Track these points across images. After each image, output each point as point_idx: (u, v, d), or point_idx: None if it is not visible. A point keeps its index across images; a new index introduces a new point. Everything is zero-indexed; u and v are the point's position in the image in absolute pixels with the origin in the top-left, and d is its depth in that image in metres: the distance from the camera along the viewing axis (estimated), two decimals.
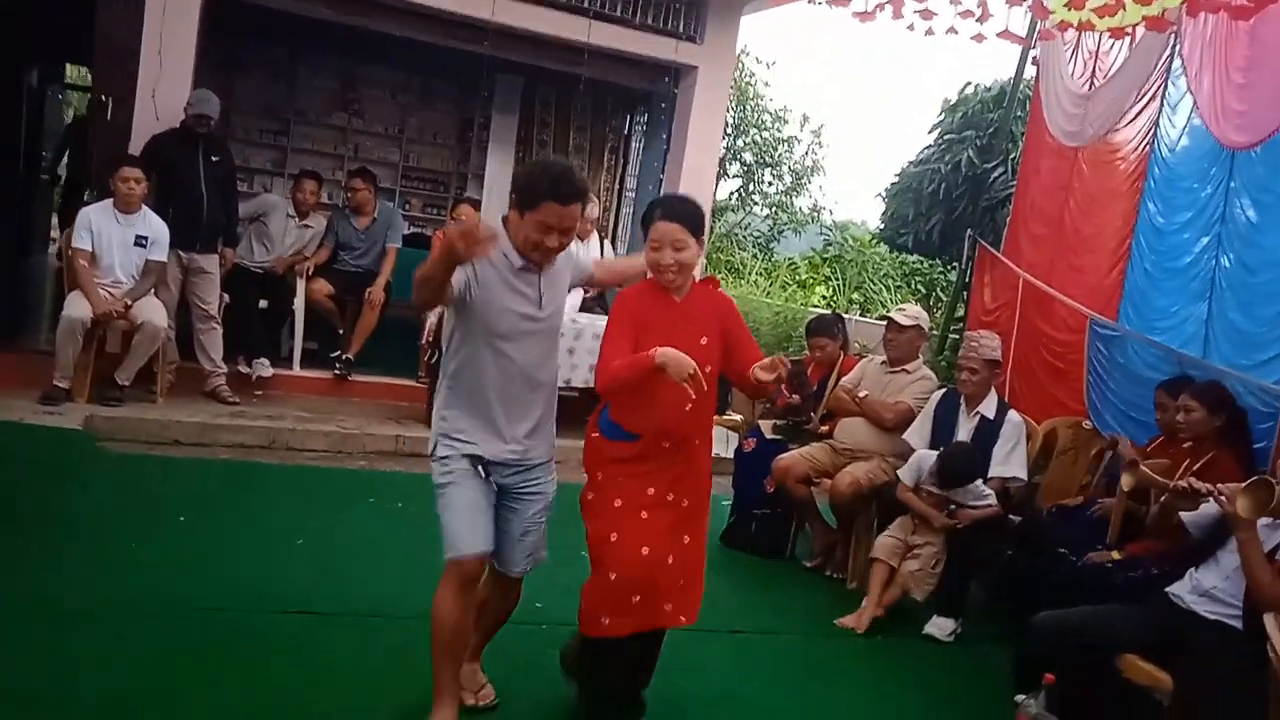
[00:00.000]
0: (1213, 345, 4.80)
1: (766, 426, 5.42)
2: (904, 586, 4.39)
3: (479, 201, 8.28)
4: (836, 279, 16.68)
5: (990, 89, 12.09)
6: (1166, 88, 5.47)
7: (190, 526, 4.36)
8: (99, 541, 4.06)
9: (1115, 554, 3.90)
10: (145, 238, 5.80)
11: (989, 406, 4.66)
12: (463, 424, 2.87)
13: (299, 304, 6.89)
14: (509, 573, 3.03)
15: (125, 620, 3.39)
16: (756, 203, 18.94)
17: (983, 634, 4.36)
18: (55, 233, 11.18)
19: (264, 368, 6.72)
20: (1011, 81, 8.34)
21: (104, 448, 5.33)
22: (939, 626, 4.32)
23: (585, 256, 3.61)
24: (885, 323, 5.22)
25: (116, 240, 5.76)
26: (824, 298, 16.38)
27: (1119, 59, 5.93)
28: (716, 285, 3.19)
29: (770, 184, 18.85)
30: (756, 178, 18.69)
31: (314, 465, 5.72)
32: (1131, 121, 5.76)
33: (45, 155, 11.32)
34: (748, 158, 18.43)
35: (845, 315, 9.16)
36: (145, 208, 5.83)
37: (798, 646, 4.13)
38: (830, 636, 4.25)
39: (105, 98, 6.45)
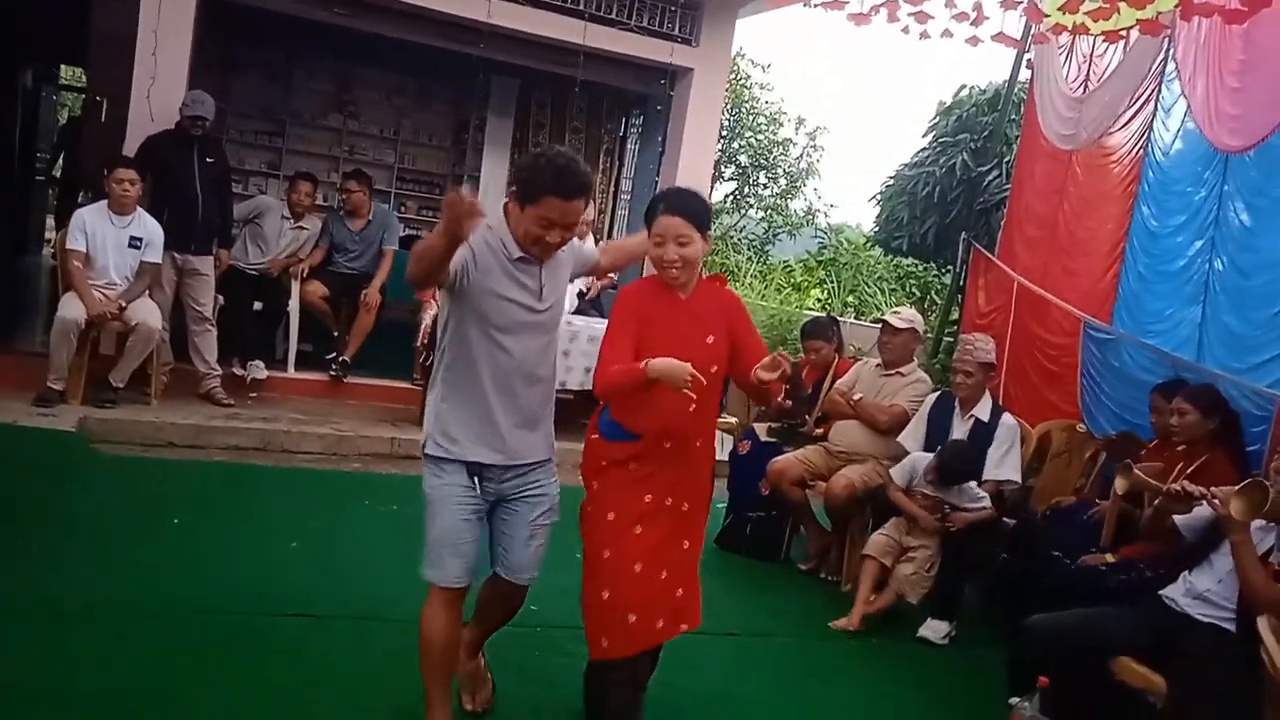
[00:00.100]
0: (1206, 348, 4.79)
1: (761, 429, 5.44)
2: (898, 590, 4.40)
3: None
4: (831, 282, 16.66)
5: (985, 92, 12.07)
6: (1160, 91, 5.48)
7: (187, 528, 4.36)
8: (98, 542, 4.06)
9: (1109, 557, 3.92)
10: (140, 239, 5.79)
11: (983, 409, 4.68)
12: (458, 424, 2.75)
13: (294, 306, 6.88)
14: (516, 579, 2.91)
15: (125, 620, 3.40)
16: (751, 205, 18.94)
17: (977, 637, 4.37)
18: (50, 234, 11.15)
19: (259, 370, 6.71)
20: (1006, 84, 8.35)
21: (98, 449, 5.31)
22: (933, 629, 4.33)
23: (588, 246, 3.36)
24: (880, 326, 5.24)
25: (111, 241, 5.74)
26: (819, 301, 16.38)
27: (1113, 62, 5.94)
28: (724, 282, 3.05)
29: (765, 187, 18.87)
30: (751, 180, 18.70)
31: (309, 467, 5.71)
32: (1125, 125, 5.77)
33: (42, 156, 11.29)
34: (743, 160, 18.44)
35: (840, 318, 9.18)
36: (140, 209, 5.81)
37: (793, 649, 4.14)
38: (825, 639, 4.26)
39: (100, 99, 6.45)
